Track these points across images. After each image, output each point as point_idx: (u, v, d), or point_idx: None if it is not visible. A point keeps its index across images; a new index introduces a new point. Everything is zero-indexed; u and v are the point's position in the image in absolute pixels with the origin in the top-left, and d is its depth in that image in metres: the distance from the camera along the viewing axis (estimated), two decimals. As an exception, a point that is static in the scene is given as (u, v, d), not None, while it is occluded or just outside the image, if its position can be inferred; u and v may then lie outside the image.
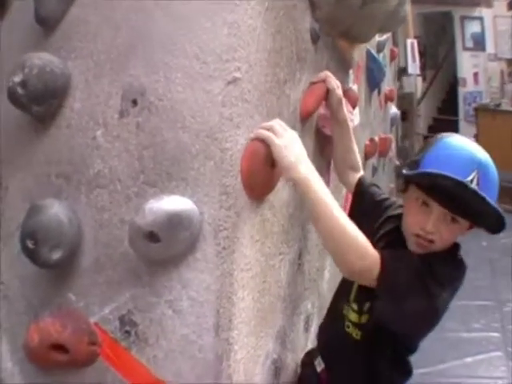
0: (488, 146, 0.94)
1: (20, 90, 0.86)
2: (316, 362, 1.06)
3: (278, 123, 0.83)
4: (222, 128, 0.77)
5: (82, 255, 0.88)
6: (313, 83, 1.11)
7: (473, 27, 4.41)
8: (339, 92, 1.09)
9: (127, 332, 0.87)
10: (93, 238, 0.87)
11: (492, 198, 0.83)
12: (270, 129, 0.81)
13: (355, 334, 0.99)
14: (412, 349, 0.97)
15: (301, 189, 0.82)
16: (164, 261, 0.80)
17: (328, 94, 1.12)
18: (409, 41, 3.09)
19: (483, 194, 0.80)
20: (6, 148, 0.96)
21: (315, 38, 1.16)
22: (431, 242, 0.87)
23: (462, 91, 4.78)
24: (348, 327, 0.99)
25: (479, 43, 4.40)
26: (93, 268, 0.88)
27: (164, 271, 0.81)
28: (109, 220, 0.85)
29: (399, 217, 0.96)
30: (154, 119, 0.81)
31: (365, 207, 1.08)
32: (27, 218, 0.85)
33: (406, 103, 4.13)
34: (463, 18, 4.42)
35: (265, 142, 0.80)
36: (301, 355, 1.25)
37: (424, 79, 4.80)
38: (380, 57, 2.06)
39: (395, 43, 2.63)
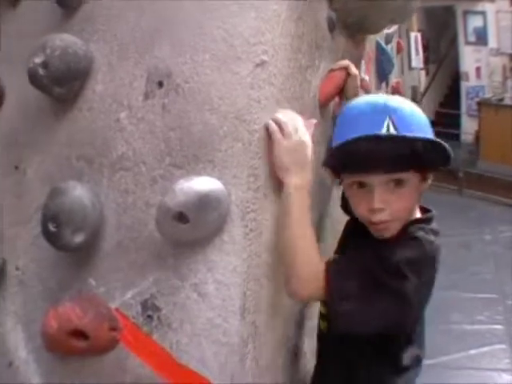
0: (490, 140, 0.97)
1: (41, 71, 0.87)
2: None
3: (292, 123, 0.80)
4: (251, 110, 0.79)
5: (104, 239, 0.90)
6: (332, 70, 1.16)
7: (475, 22, 4.52)
8: (357, 81, 1.16)
9: (149, 317, 0.88)
10: (115, 222, 0.88)
11: (421, 134, 0.76)
12: (281, 125, 0.80)
13: (323, 326, 0.96)
14: (396, 342, 0.88)
15: (287, 193, 0.80)
16: (190, 243, 0.81)
17: (346, 81, 1.17)
18: (412, 34, 3.16)
19: (404, 133, 0.74)
20: (24, 131, 0.97)
21: (332, 27, 1.20)
22: (386, 222, 0.80)
23: (464, 85, 4.89)
24: (320, 319, 0.96)
25: (481, 38, 4.51)
26: (115, 252, 0.90)
27: (189, 254, 0.83)
28: (133, 203, 0.86)
29: None
30: (180, 101, 0.82)
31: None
32: (49, 201, 0.86)
33: (409, 97, 4.22)
34: (466, 13, 4.53)
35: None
36: (315, 342, 1.29)
37: (427, 73, 4.92)
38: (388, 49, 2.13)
39: (401, 36, 2.69)
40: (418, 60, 3.29)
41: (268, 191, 0.85)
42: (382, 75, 2.07)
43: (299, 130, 0.81)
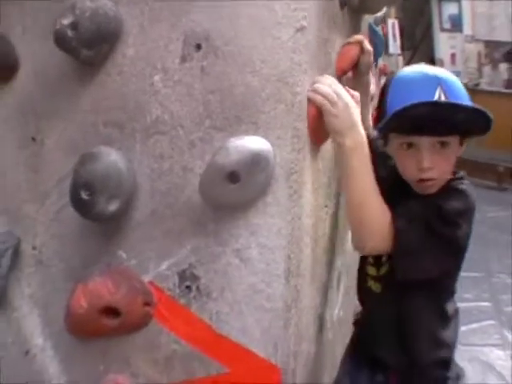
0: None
1: (70, 33, 0.84)
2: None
3: (333, 89, 0.88)
4: (293, 73, 0.82)
5: (136, 208, 0.88)
6: (348, 43, 1.22)
7: (450, 9, 4.82)
8: (371, 57, 1.25)
9: (188, 287, 0.88)
10: (149, 189, 0.87)
11: (465, 102, 0.89)
12: (325, 95, 0.86)
13: (375, 287, 1.04)
14: (449, 290, 1.01)
15: (345, 155, 0.88)
16: (232, 207, 0.82)
17: (361, 58, 1.24)
18: (390, 21, 3.32)
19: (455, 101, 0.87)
20: (42, 100, 0.94)
21: (343, 4, 1.27)
22: (433, 179, 0.91)
23: None
24: (368, 282, 1.05)
25: (456, 25, 4.81)
26: (148, 221, 0.89)
27: (230, 218, 0.84)
28: (169, 168, 0.86)
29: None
30: (220, 63, 0.83)
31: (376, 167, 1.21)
32: (80, 167, 0.84)
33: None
34: (441, 0, 4.82)
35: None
36: (335, 312, 1.35)
37: (404, 59, 5.17)
38: (376, 32, 2.24)
39: (384, 21, 2.84)
40: (395, 46, 3.45)
41: (307, 154, 0.88)
42: (375, 57, 2.18)
43: (341, 94, 0.88)
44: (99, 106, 0.90)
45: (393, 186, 0.97)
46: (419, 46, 4.90)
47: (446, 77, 0.92)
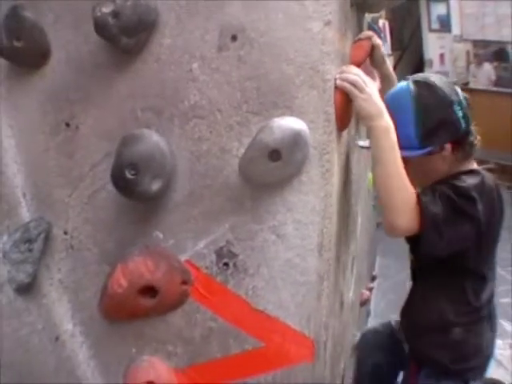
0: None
1: (111, 21, 0.93)
2: None
3: (360, 78, 1.00)
4: (323, 62, 0.93)
5: (175, 189, 0.96)
6: (359, 39, 1.38)
7: (439, 9, 5.13)
8: (382, 50, 1.40)
9: (225, 264, 0.96)
10: (188, 170, 0.96)
11: None
12: (353, 83, 0.99)
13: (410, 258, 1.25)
14: (478, 273, 1.16)
15: (376, 136, 1.01)
16: (271, 184, 0.91)
17: (372, 51, 1.40)
18: (380, 21, 3.55)
19: None
20: (77, 87, 1.01)
21: (352, 3, 1.44)
22: None
23: (428, 72, 5.47)
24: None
25: (445, 25, 5.12)
26: (186, 201, 0.97)
27: (267, 196, 0.93)
28: (207, 150, 0.94)
29: None
30: (256, 53, 0.92)
31: None
32: (123, 148, 0.91)
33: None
34: (429, 1, 5.13)
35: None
36: (350, 295, 1.46)
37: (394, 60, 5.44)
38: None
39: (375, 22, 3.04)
40: (386, 47, 3.67)
41: (336, 136, 0.99)
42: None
43: (367, 82, 1.00)
44: (136, 93, 0.98)
45: None
46: (408, 47, 5.19)
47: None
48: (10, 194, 1.06)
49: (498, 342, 2.40)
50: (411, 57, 5.04)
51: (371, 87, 1.00)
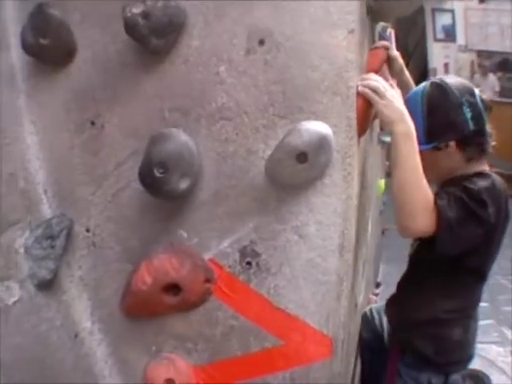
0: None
1: (141, 21, 0.97)
2: None
3: (381, 84, 1.07)
4: (347, 69, 0.99)
5: (200, 188, 1.01)
6: (375, 47, 1.47)
7: (444, 19, 5.31)
8: (400, 60, 1.50)
9: (248, 263, 1.01)
10: (214, 171, 1.01)
11: None
12: (374, 89, 1.06)
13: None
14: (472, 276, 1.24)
15: (396, 141, 1.08)
16: (296, 186, 0.97)
17: (390, 61, 1.49)
18: (388, 30, 3.67)
19: None
20: (103, 86, 1.06)
21: (368, 11, 1.53)
22: None
23: None
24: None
25: (450, 35, 5.29)
26: (212, 201, 1.01)
27: (291, 198, 0.98)
28: (233, 151, 1.00)
29: None
30: (282, 57, 0.98)
31: None
32: (154, 146, 0.95)
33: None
34: (434, 10, 5.31)
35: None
36: (360, 298, 1.53)
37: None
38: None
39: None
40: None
41: (355, 141, 1.05)
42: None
43: (388, 88, 1.07)
44: (164, 93, 1.02)
45: None
46: (412, 56, 5.34)
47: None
48: (32, 190, 1.11)
49: (499, 350, 2.51)
50: (416, 66, 5.18)
51: (392, 93, 1.08)
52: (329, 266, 1.02)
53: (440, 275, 1.24)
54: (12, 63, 1.13)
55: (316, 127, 0.92)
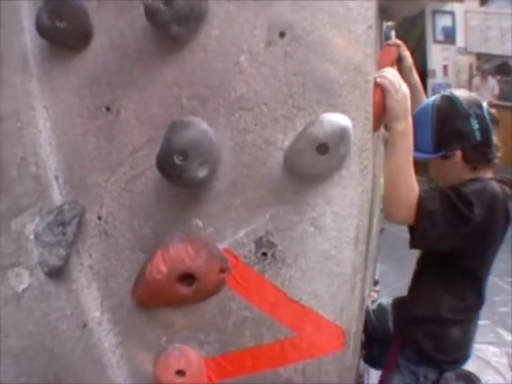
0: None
1: (163, 7, 1.00)
2: None
3: (397, 80, 1.13)
4: (366, 63, 1.04)
5: (217, 178, 1.04)
6: (387, 45, 1.55)
7: (444, 21, 5.46)
8: (410, 60, 1.59)
9: (264, 254, 1.05)
10: (232, 160, 1.04)
11: None
12: (391, 82, 1.12)
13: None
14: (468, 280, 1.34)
15: (395, 137, 1.15)
16: (315, 176, 1.01)
17: (400, 61, 1.57)
18: (392, 30, 3.79)
19: None
20: (119, 72, 1.09)
21: (380, 11, 1.62)
22: None
23: (430, 82, 5.77)
24: None
25: (450, 37, 5.45)
26: (229, 190, 1.05)
27: (308, 189, 1.02)
28: (252, 142, 1.03)
29: None
30: (302, 50, 1.02)
31: None
32: (174, 133, 0.97)
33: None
34: (434, 12, 5.46)
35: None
36: (366, 293, 1.56)
37: (397, 70, 5.72)
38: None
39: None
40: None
41: (372, 135, 1.10)
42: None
43: (402, 85, 1.12)
44: (182, 81, 1.05)
45: None
46: (411, 57, 5.49)
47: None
48: (43, 175, 1.14)
49: (495, 350, 2.63)
50: (415, 67, 5.34)
51: (406, 90, 1.15)
52: (344, 258, 1.07)
53: (443, 275, 1.33)
54: (24, 46, 1.16)
55: (337, 119, 0.98)
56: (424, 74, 5.35)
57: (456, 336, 1.35)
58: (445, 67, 5.33)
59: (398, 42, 1.48)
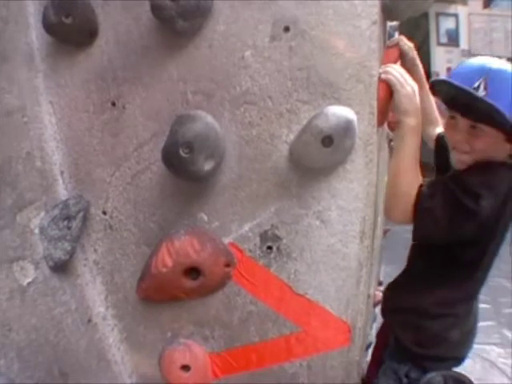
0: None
1: (169, 3, 1.03)
2: None
3: (402, 74, 1.16)
4: (370, 58, 1.07)
5: (223, 172, 1.07)
6: (389, 46, 1.58)
7: (447, 23, 5.54)
8: (412, 53, 1.61)
9: (269, 248, 1.07)
10: (237, 154, 1.07)
11: (503, 103, 1.14)
12: (397, 78, 1.14)
13: None
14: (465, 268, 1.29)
15: (404, 131, 1.16)
16: (320, 169, 1.03)
17: (402, 55, 1.61)
18: (396, 30, 3.86)
19: (489, 99, 1.13)
20: (125, 67, 1.13)
21: (383, 10, 1.66)
22: (466, 153, 1.21)
23: None
24: None
25: (453, 39, 5.52)
26: (234, 184, 1.07)
27: (313, 182, 1.05)
28: (257, 135, 1.06)
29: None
30: (307, 45, 1.05)
31: (444, 161, 1.40)
32: (180, 126, 1.00)
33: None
34: (438, 15, 5.53)
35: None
36: (371, 291, 1.54)
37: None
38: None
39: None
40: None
41: (377, 129, 1.13)
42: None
43: (409, 80, 1.15)
44: (187, 76, 1.08)
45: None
46: (414, 59, 5.58)
47: (497, 71, 1.21)
48: (48, 170, 1.16)
49: (500, 351, 2.64)
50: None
51: (412, 85, 1.19)
52: (349, 252, 1.10)
53: (432, 264, 1.29)
54: (31, 43, 1.19)
55: (343, 112, 1.01)
56: (428, 76, 5.40)
57: (435, 330, 1.30)
58: (448, 70, 5.38)
59: (398, 38, 1.50)
